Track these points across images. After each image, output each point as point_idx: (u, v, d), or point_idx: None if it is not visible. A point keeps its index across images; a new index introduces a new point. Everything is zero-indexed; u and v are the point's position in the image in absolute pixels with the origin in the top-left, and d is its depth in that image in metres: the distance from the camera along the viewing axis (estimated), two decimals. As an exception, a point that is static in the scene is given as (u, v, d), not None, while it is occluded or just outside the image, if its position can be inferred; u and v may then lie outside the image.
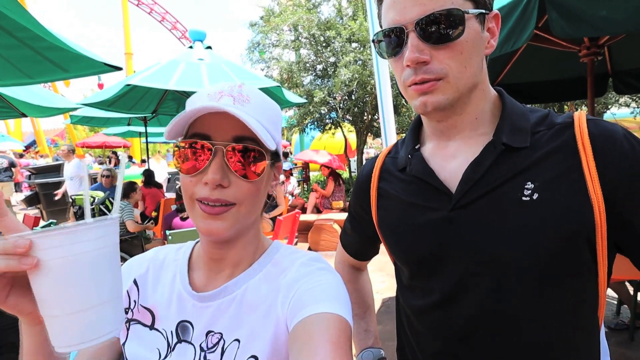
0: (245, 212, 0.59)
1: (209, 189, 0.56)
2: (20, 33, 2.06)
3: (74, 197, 5.63)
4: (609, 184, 0.57)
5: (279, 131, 0.65)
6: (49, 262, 0.41)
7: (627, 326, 2.71)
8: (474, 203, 0.63)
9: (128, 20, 18.28)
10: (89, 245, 0.42)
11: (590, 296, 0.62)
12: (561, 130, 0.62)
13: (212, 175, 0.55)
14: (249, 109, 0.58)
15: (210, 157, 0.56)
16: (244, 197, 0.58)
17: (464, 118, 0.66)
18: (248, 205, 0.59)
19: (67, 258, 0.41)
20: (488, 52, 0.65)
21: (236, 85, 0.60)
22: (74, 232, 0.41)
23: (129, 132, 10.00)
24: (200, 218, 0.58)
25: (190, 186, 0.58)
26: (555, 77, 3.34)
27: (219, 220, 0.57)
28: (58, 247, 0.41)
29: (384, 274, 4.04)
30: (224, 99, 0.58)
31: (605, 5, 1.49)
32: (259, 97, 0.61)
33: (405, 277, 0.76)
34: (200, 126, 0.58)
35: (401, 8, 0.60)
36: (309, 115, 7.66)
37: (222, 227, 0.57)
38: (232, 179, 0.57)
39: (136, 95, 4.59)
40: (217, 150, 0.56)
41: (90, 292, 0.42)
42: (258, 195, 0.60)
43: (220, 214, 0.57)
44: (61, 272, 0.41)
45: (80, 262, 0.42)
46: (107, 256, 0.45)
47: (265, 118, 0.60)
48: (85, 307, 0.42)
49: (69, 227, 0.41)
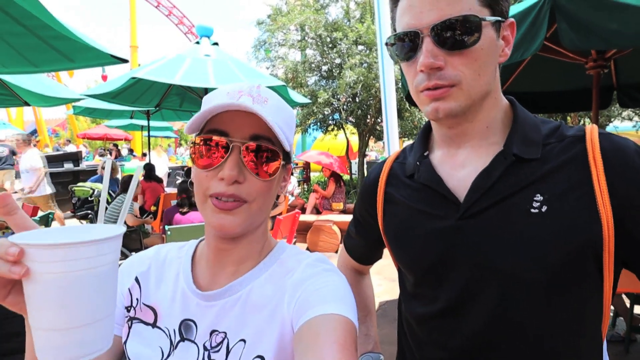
0: (257, 209, 0.60)
1: (225, 184, 0.57)
2: (28, 21, 2.06)
3: (73, 188, 5.63)
4: (619, 199, 0.56)
5: (292, 134, 0.65)
6: (40, 274, 0.39)
7: (622, 338, 2.71)
8: (482, 213, 0.62)
9: (135, 12, 18.29)
10: (85, 264, 0.40)
11: (595, 309, 0.62)
12: (572, 143, 0.61)
13: (229, 171, 0.56)
14: (267, 109, 0.58)
15: (227, 153, 0.57)
16: (256, 194, 0.59)
17: (475, 126, 0.65)
18: (259, 203, 0.60)
19: (59, 274, 0.39)
20: (502, 60, 0.64)
21: (255, 86, 0.61)
22: (70, 248, 0.39)
23: (131, 125, 10.01)
24: (212, 213, 0.58)
25: (205, 181, 0.58)
26: (561, 87, 3.35)
27: (230, 215, 0.57)
28: (51, 262, 0.38)
29: (381, 277, 4.04)
30: (244, 98, 0.58)
31: (615, 19, 1.49)
32: (275, 98, 0.62)
33: (409, 284, 0.76)
34: (219, 123, 0.59)
35: (417, 12, 0.59)
36: (313, 116, 7.66)
37: (234, 222, 0.58)
38: (247, 176, 0.58)
39: (140, 89, 4.59)
40: (234, 147, 0.57)
41: (80, 311, 0.40)
42: (269, 194, 0.61)
43: (233, 209, 0.57)
44: (51, 288, 0.39)
45: (72, 281, 0.39)
46: (102, 275, 0.42)
47: (281, 120, 0.60)
48: (72, 326, 0.40)
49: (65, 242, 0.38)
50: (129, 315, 0.65)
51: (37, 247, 0.38)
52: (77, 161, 8.49)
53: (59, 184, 7.70)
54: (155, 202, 5.13)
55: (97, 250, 0.41)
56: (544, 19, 1.63)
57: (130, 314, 0.65)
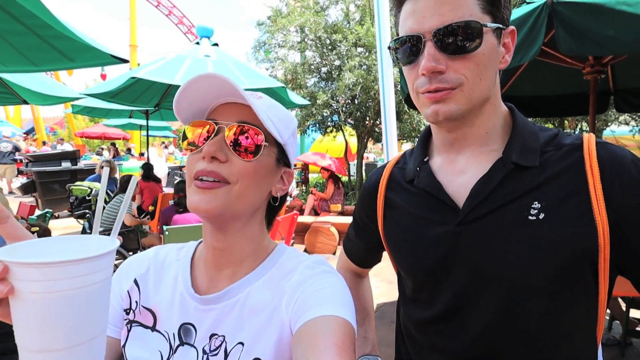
0: (238, 193, 0.58)
1: (206, 162, 0.57)
2: (28, 20, 2.06)
3: (71, 187, 5.61)
4: (615, 208, 0.57)
5: (288, 132, 0.65)
6: (25, 294, 0.37)
7: (618, 342, 2.73)
8: (481, 219, 0.63)
9: (135, 12, 18.27)
10: (74, 283, 0.37)
11: (591, 314, 0.63)
12: (570, 152, 0.62)
13: (207, 147, 0.57)
14: (260, 103, 0.61)
15: (212, 135, 0.59)
16: (238, 175, 0.58)
17: (474, 131, 0.66)
18: (242, 186, 0.58)
19: (45, 294, 0.36)
20: (502, 66, 0.65)
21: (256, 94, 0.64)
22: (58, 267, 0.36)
23: (130, 125, 9.99)
24: (192, 194, 0.58)
25: (191, 164, 0.59)
26: (558, 92, 3.37)
27: (207, 195, 0.56)
28: (36, 282, 0.36)
29: (379, 279, 4.04)
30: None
31: (612, 25, 1.51)
32: (272, 101, 0.64)
33: (408, 289, 0.76)
34: (212, 114, 0.62)
35: (420, 17, 0.60)
36: (311, 117, 7.67)
37: (211, 201, 0.56)
38: (229, 155, 0.58)
39: (140, 88, 4.58)
40: (219, 129, 0.59)
41: (67, 332, 0.38)
42: (255, 179, 0.59)
43: (211, 188, 0.56)
44: (36, 308, 0.37)
45: (59, 301, 0.37)
46: (93, 294, 0.39)
47: (275, 115, 0.62)
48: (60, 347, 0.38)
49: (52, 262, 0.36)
50: (128, 318, 0.64)
51: (22, 265, 0.36)
52: (75, 160, 8.46)
53: (56, 182, 7.68)
54: (153, 202, 5.12)
55: (88, 268, 0.38)
56: (542, 24, 1.65)
57: (129, 317, 0.64)
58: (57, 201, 7.62)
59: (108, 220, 4.14)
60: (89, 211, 4.61)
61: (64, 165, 8.11)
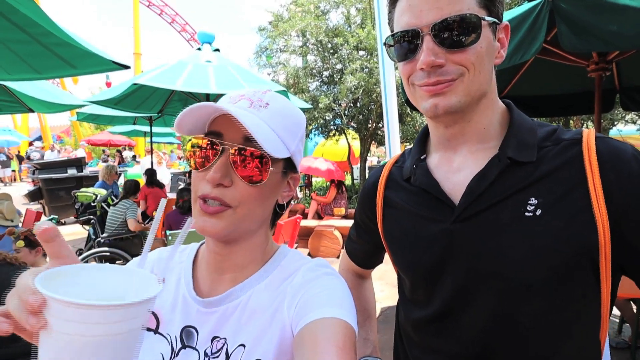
0: (242, 216, 0.58)
1: (210, 186, 0.56)
2: (31, 29, 2.09)
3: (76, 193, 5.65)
4: (615, 204, 0.55)
5: (296, 140, 0.63)
6: (57, 332, 0.35)
7: (629, 345, 2.66)
8: (476, 216, 0.62)
9: (138, 20, 18.52)
10: (110, 329, 0.35)
11: (593, 315, 0.60)
12: (568, 147, 0.61)
13: (213, 173, 0.56)
14: (264, 114, 0.58)
15: (217, 155, 0.57)
16: (242, 200, 0.57)
17: (471, 127, 0.65)
18: (245, 209, 0.58)
19: (78, 337, 0.35)
20: (498, 62, 0.65)
21: (260, 91, 0.61)
22: (96, 311, 0.34)
23: (134, 131, 10.07)
24: (198, 215, 0.58)
25: (196, 182, 0.59)
26: (563, 91, 3.33)
27: (213, 219, 0.57)
28: (72, 322, 0.34)
29: (383, 282, 4.00)
30: (241, 102, 0.59)
31: (615, 20, 1.49)
32: (279, 104, 0.61)
33: (407, 289, 0.75)
34: (216, 125, 0.59)
35: (417, 11, 0.60)
36: (314, 121, 7.68)
37: (216, 226, 0.57)
38: (235, 179, 0.57)
39: (143, 95, 4.63)
40: (224, 149, 0.57)
41: None
42: (260, 200, 0.59)
43: (215, 213, 0.57)
44: (67, 349, 0.35)
45: (92, 346, 0.35)
46: (126, 342, 0.37)
47: (281, 125, 0.59)
48: None
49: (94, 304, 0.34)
50: None
51: (61, 302, 0.34)
52: (81, 167, 8.55)
53: (62, 189, 7.75)
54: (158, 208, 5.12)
55: (126, 314, 0.36)
56: (543, 21, 1.63)
57: None
58: (63, 208, 7.69)
59: (113, 225, 4.15)
60: (94, 217, 4.64)
61: (69, 173, 8.19)
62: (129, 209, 4.13)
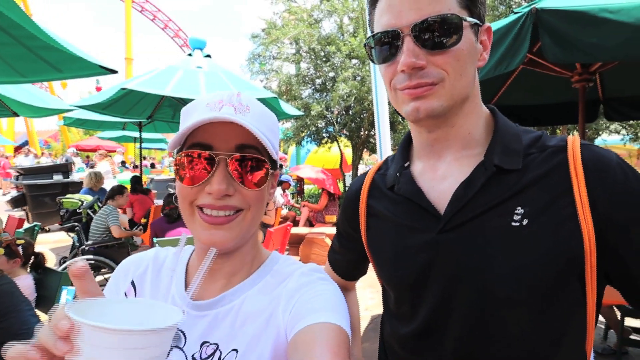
0: (251, 218, 0.59)
1: (213, 198, 0.56)
2: (15, 31, 2.05)
3: (61, 200, 5.52)
4: (600, 213, 0.55)
5: (277, 140, 0.65)
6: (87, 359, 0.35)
7: (614, 351, 2.68)
8: (462, 226, 0.60)
9: (130, 25, 18.47)
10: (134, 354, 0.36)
11: (578, 325, 0.60)
12: (554, 154, 0.60)
13: (217, 185, 0.55)
14: (250, 118, 0.58)
15: (213, 167, 0.56)
16: (249, 202, 0.58)
17: (455, 131, 0.64)
18: (254, 211, 0.59)
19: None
20: (481, 64, 0.64)
21: (234, 95, 0.60)
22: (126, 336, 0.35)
23: (124, 137, 9.96)
24: (201, 228, 0.57)
25: (190, 194, 0.57)
26: (548, 101, 3.41)
27: (222, 230, 0.56)
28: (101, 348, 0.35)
29: (374, 290, 3.98)
30: (225, 109, 0.57)
31: (595, 32, 1.53)
32: (257, 106, 0.61)
33: (392, 303, 0.73)
34: (201, 135, 0.57)
35: (397, 12, 0.58)
36: (306, 129, 7.69)
37: (226, 237, 0.56)
38: (237, 187, 0.57)
39: (132, 100, 4.57)
40: (220, 160, 0.56)
41: None
42: (262, 202, 0.61)
43: (224, 223, 0.56)
44: None
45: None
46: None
47: (265, 127, 0.59)
48: None
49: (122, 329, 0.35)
50: None
51: (91, 328, 0.35)
52: (67, 173, 8.37)
53: (47, 195, 7.56)
54: (146, 215, 5.05)
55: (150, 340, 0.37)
56: (527, 32, 1.66)
57: None
58: (48, 214, 7.49)
59: (97, 232, 4.06)
60: (78, 224, 4.52)
61: (55, 178, 8.01)
62: (109, 215, 4.02)
